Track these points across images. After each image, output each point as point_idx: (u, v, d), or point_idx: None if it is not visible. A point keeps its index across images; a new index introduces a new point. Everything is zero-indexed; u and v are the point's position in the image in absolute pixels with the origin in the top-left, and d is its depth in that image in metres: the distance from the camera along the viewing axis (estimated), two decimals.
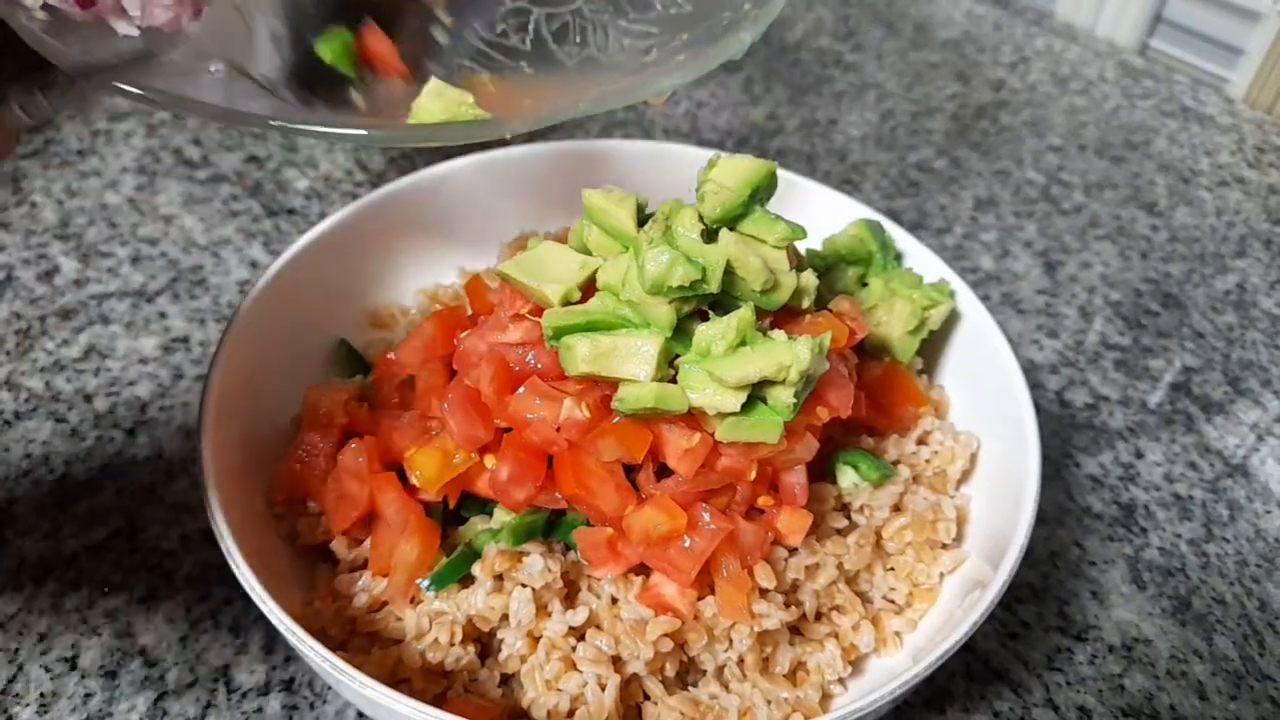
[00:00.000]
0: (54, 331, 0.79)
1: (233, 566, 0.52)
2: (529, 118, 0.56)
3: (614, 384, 0.54)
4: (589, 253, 0.57)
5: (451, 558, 0.57)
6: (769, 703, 0.55)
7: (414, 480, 0.58)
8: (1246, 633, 0.67)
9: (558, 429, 0.54)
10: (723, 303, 0.55)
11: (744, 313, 0.53)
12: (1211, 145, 1.07)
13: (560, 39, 0.62)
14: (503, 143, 0.72)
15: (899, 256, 0.72)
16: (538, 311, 0.56)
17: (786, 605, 0.56)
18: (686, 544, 0.54)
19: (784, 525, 0.56)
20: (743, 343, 0.53)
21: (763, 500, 0.57)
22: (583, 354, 0.53)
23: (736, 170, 0.57)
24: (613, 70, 0.61)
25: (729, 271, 0.54)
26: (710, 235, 0.55)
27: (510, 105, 0.60)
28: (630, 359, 0.53)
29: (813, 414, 0.56)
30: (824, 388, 0.56)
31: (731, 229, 0.56)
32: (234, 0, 0.56)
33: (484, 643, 0.57)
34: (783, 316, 0.57)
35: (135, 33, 0.55)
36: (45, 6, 0.52)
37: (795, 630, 0.58)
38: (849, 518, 0.61)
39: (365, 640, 0.57)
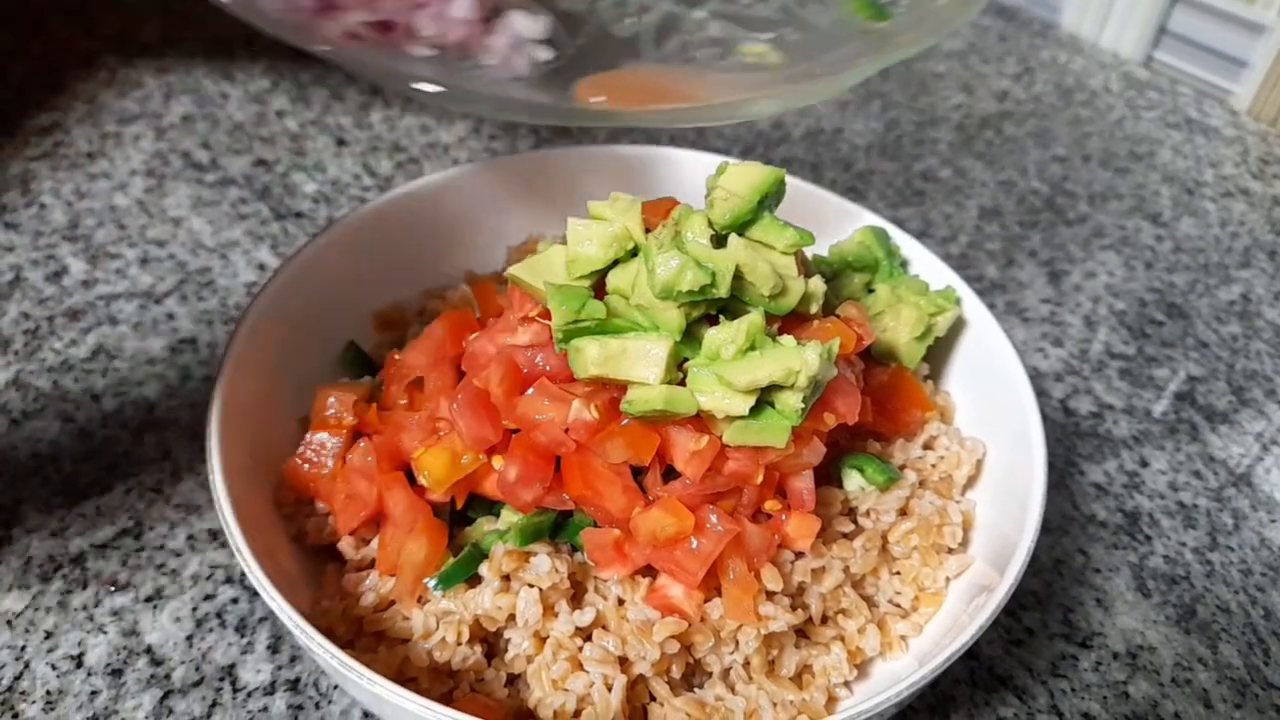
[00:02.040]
0: (62, 332, 0.79)
1: (241, 564, 0.52)
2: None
3: (623, 386, 0.54)
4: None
5: (459, 558, 0.57)
6: (775, 705, 0.55)
7: (422, 480, 0.58)
8: (1251, 641, 0.67)
9: (566, 430, 0.54)
10: (731, 308, 0.56)
11: (754, 317, 0.54)
12: (1216, 157, 1.08)
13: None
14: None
15: (905, 263, 0.72)
16: (547, 314, 0.56)
17: (793, 608, 0.56)
18: (693, 546, 0.54)
19: (792, 530, 0.57)
20: (752, 347, 0.54)
21: (770, 505, 0.57)
22: (592, 356, 0.53)
23: (745, 177, 0.57)
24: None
25: (738, 276, 0.54)
26: (719, 241, 0.56)
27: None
28: (639, 362, 0.53)
29: (820, 420, 0.56)
30: (831, 394, 0.56)
31: (740, 235, 0.56)
32: None
33: (490, 642, 0.57)
34: (791, 322, 0.58)
35: (429, 53, 0.61)
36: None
37: (801, 633, 0.58)
38: (855, 522, 0.61)
39: (372, 639, 0.57)
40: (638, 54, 0.63)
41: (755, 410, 0.53)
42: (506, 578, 0.56)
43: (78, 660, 0.61)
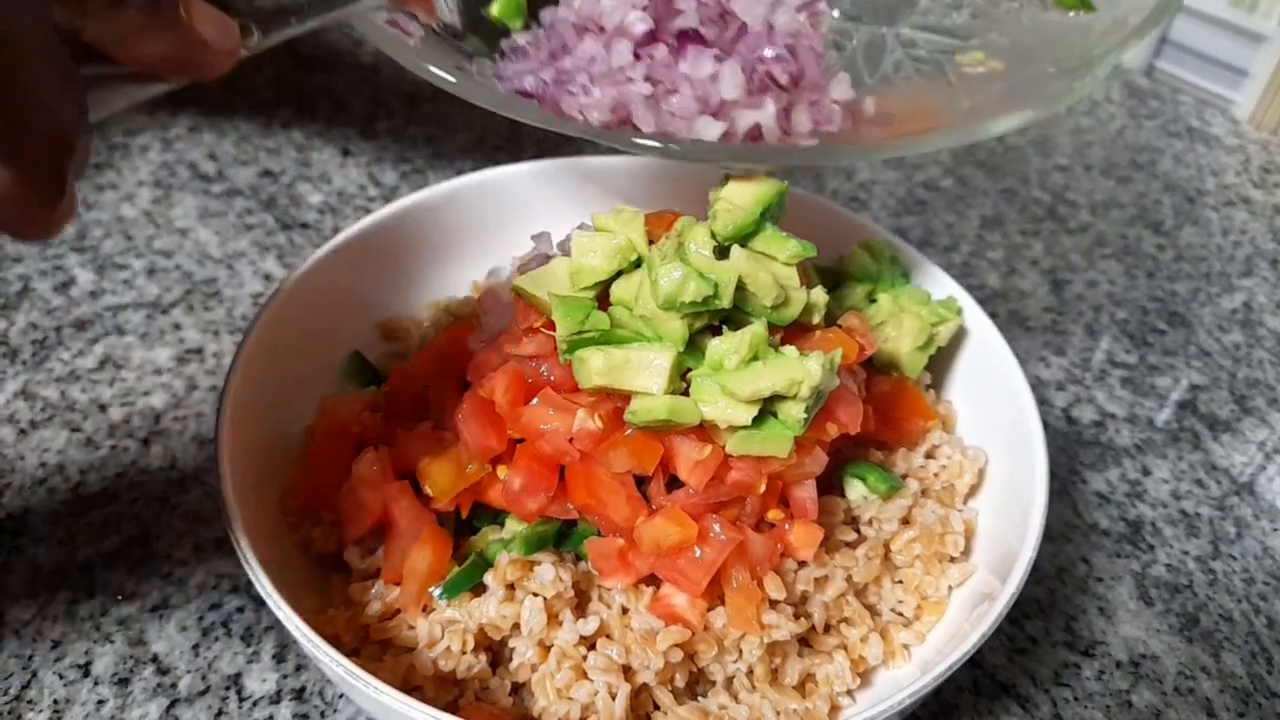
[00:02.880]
0: (70, 342, 0.80)
1: (248, 573, 0.53)
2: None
3: (626, 396, 0.54)
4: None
5: (463, 566, 0.57)
6: (778, 713, 0.55)
7: (427, 490, 0.58)
8: (1254, 650, 0.67)
9: (570, 440, 0.54)
10: (734, 318, 0.56)
11: (757, 328, 0.54)
12: (1217, 165, 1.08)
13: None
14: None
15: (907, 273, 0.73)
16: (551, 325, 0.57)
17: (796, 617, 0.57)
18: (697, 554, 0.54)
19: (795, 539, 0.57)
20: (755, 357, 0.54)
21: (772, 514, 0.57)
22: (596, 367, 0.53)
23: (748, 189, 0.58)
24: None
25: (740, 287, 0.55)
26: (722, 252, 0.56)
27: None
28: (643, 372, 0.54)
29: (822, 430, 0.56)
30: (834, 404, 0.56)
31: (743, 246, 0.57)
32: None
33: (495, 651, 0.57)
34: (793, 332, 0.58)
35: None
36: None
37: (804, 642, 0.59)
38: (858, 530, 0.61)
39: (377, 648, 0.57)
40: (858, 80, 0.61)
41: (758, 420, 0.54)
42: (511, 586, 0.56)
43: (85, 669, 0.61)
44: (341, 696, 0.61)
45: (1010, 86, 0.59)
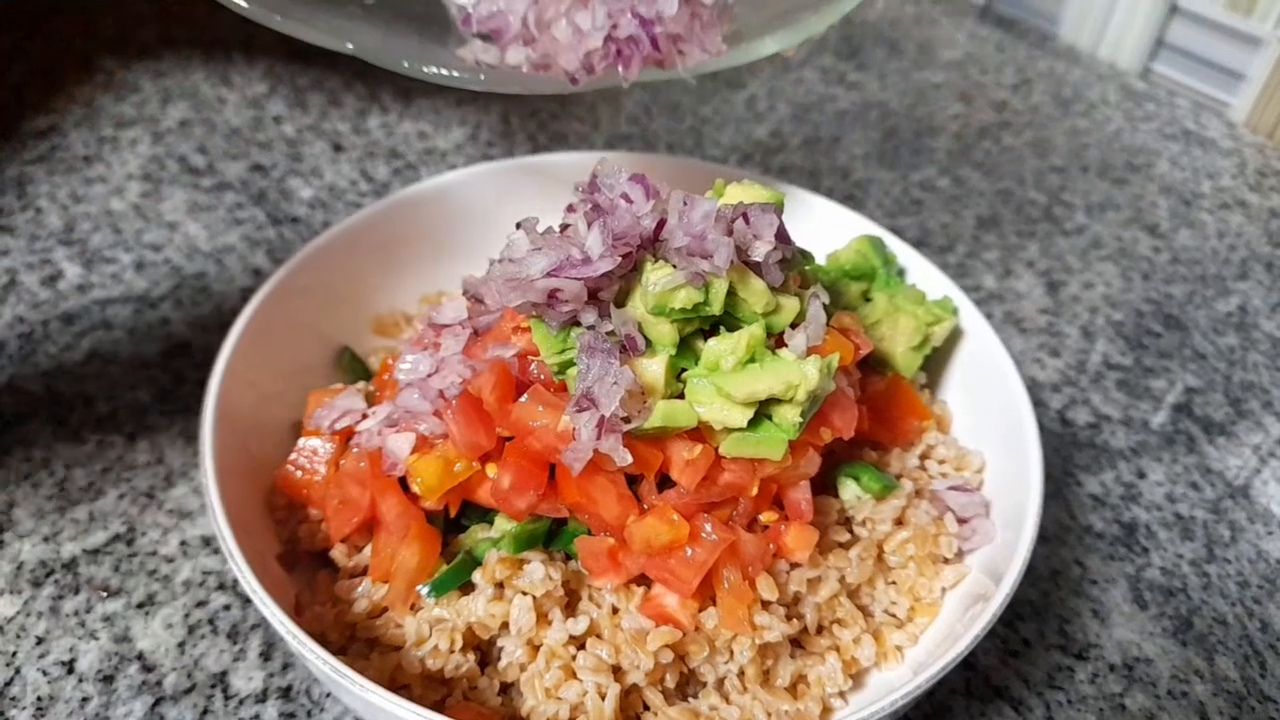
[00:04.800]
0: (57, 336, 0.79)
1: (234, 570, 0.52)
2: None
3: None
4: None
5: (452, 564, 0.56)
6: (769, 715, 0.55)
7: (415, 488, 0.57)
8: (1248, 653, 0.67)
9: (560, 437, 0.54)
10: (726, 323, 0.55)
11: (754, 330, 0.54)
12: (1213, 168, 1.08)
13: None
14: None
15: (902, 272, 0.72)
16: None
17: (788, 618, 0.56)
18: (688, 554, 0.54)
19: (791, 540, 0.56)
20: (752, 359, 0.54)
21: (766, 516, 0.57)
22: None
23: (745, 197, 0.57)
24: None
25: (731, 293, 0.54)
26: None
27: None
28: None
29: (816, 434, 0.56)
30: (829, 409, 0.56)
31: None
32: None
33: (484, 650, 0.57)
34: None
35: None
36: None
37: (796, 643, 0.58)
38: (851, 531, 0.61)
39: (364, 646, 0.56)
40: None
41: (753, 422, 0.53)
42: (500, 585, 0.56)
43: (69, 666, 0.60)
44: (328, 695, 0.60)
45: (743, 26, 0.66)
